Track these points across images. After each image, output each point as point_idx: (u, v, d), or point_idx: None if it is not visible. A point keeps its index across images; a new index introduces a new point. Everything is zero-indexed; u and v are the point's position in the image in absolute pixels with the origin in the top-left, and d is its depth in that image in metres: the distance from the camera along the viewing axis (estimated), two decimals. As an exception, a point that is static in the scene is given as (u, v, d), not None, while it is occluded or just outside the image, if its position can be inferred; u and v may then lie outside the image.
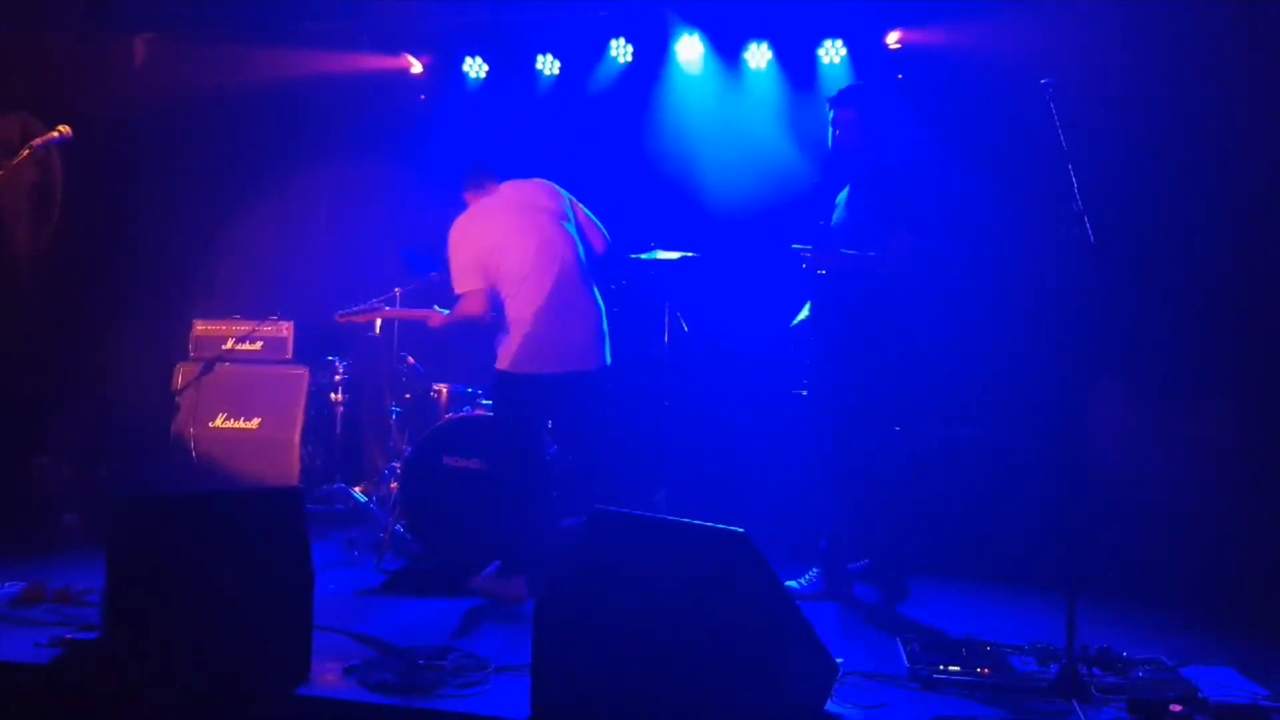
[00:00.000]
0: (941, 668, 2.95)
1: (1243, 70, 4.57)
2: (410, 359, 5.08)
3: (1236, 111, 4.61)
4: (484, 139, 5.77)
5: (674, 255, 4.88)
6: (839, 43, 5.61)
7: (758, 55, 5.72)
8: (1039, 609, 3.81)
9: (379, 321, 4.95)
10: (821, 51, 5.64)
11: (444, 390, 4.80)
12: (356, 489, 5.18)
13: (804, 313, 4.16)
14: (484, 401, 4.65)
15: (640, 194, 5.58)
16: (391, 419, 5.08)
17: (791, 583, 3.91)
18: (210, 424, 5.41)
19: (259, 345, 5.60)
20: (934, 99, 5.30)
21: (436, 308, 4.32)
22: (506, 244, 3.85)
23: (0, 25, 5.08)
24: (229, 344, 5.55)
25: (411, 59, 6.15)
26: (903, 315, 3.83)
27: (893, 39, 5.54)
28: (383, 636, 3.23)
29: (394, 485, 4.72)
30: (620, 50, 5.85)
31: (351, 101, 6.05)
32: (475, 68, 6.05)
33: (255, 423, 5.43)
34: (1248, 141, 4.59)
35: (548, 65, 5.97)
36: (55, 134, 3.95)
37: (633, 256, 4.91)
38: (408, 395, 5.05)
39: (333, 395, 5.43)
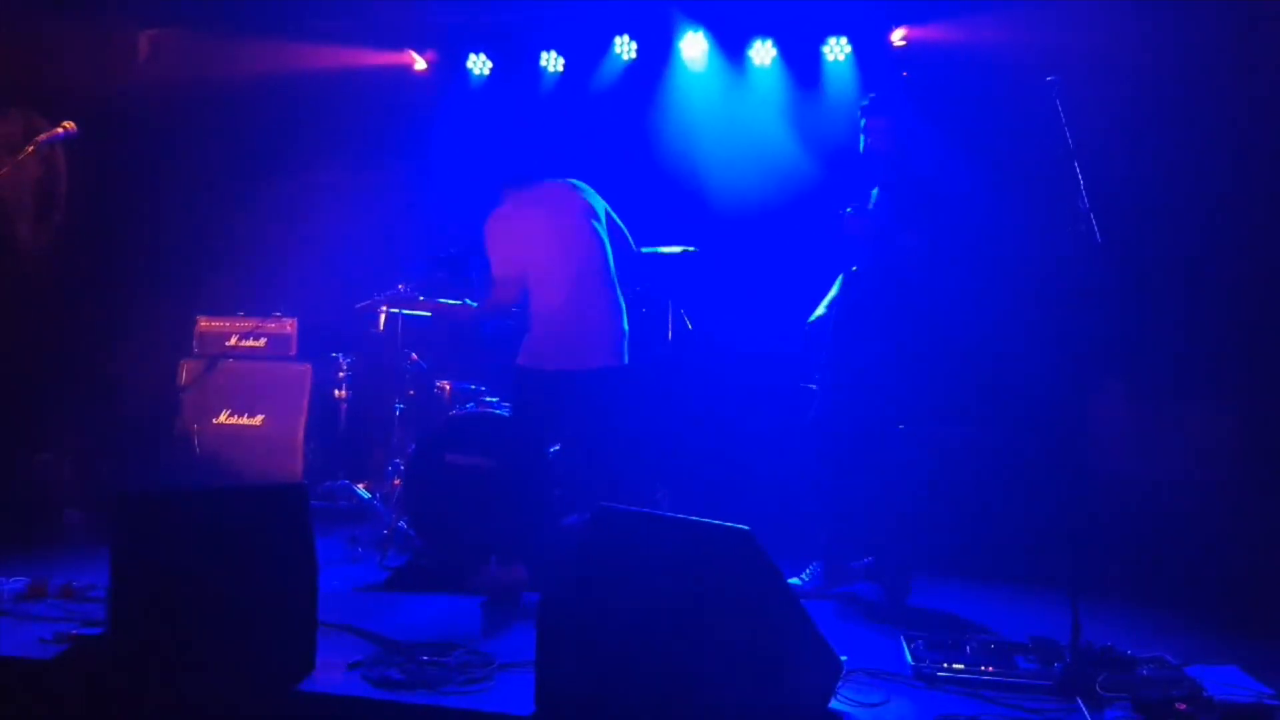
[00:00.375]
0: (946, 665, 2.94)
1: (1247, 70, 4.56)
2: (414, 355, 5.07)
3: (1242, 111, 4.60)
4: (488, 136, 5.77)
5: (675, 249, 4.87)
6: (844, 40, 5.62)
7: (762, 52, 5.72)
8: (1043, 607, 3.81)
9: (383, 318, 4.97)
10: (826, 49, 5.64)
11: (447, 387, 4.80)
12: (360, 485, 5.18)
13: (821, 308, 4.17)
14: (488, 399, 4.65)
15: (644, 191, 5.56)
16: (395, 415, 5.08)
17: (793, 579, 3.91)
18: (214, 420, 5.42)
19: (263, 342, 5.61)
20: (938, 96, 5.29)
21: (467, 301, 4.41)
22: (536, 239, 3.95)
23: (3, 21, 5.08)
24: (233, 340, 5.56)
25: (415, 56, 6.15)
26: (924, 315, 3.87)
27: (898, 36, 5.54)
28: (386, 633, 3.22)
29: (397, 482, 4.72)
30: (624, 47, 5.85)
31: (356, 98, 6.05)
32: (479, 65, 6.05)
33: (259, 419, 5.44)
34: (1254, 141, 4.58)
35: (552, 62, 5.97)
36: (59, 130, 3.96)
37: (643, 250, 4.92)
38: (411, 392, 5.04)
39: (336, 392, 5.43)
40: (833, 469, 3.97)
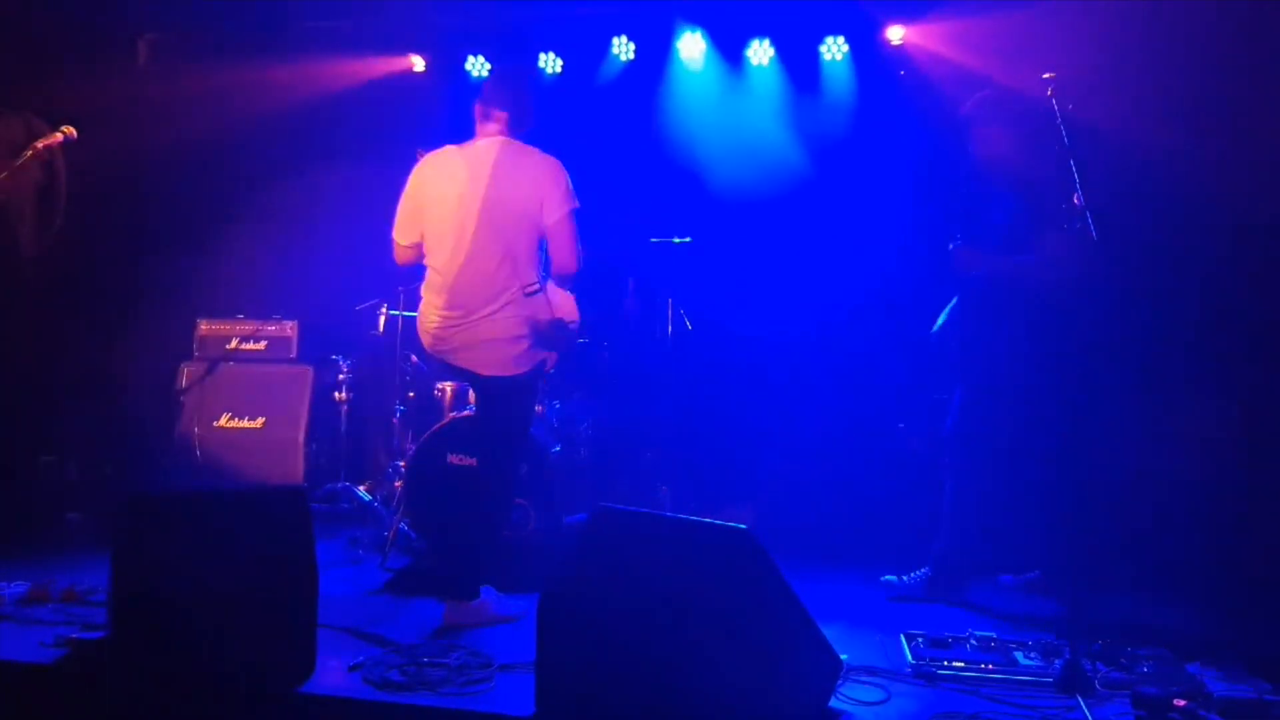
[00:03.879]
0: (946, 663, 2.95)
1: (1245, 69, 4.56)
2: (414, 357, 5.08)
3: (1239, 108, 4.60)
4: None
5: (675, 240, 4.86)
6: (841, 39, 5.63)
7: (760, 52, 5.74)
8: (1043, 604, 3.80)
9: (383, 319, 5.02)
10: (823, 48, 5.66)
11: (447, 389, 4.81)
12: (361, 487, 5.19)
13: (943, 317, 4.07)
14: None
15: (642, 191, 5.58)
16: (395, 417, 5.09)
17: (889, 577, 3.93)
18: (215, 423, 5.43)
19: (263, 344, 5.62)
20: (935, 95, 5.29)
21: None
22: (440, 208, 3.49)
23: (5, 26, 5.10)
24: (233, 343, 5.57)
25: (414, 58, 6.15)
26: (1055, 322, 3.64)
27: (895, 35, 5.54)
28: (387, 634, 3.23)
29: (398, 484, 4.72)
30: (622, 48, 5.86)
31: (354, 101, 6.05)
32: (478, 66, 6.05)
33: (260, 422, 5.44)
34: (1251, 138, 4.58)
35: (550, 63, 5.98)
36: (59, 134, 3.97)
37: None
38: (411, 394, 5.05)
39: (337, 394, 5.44)
40: (974, 480, 3.83)
